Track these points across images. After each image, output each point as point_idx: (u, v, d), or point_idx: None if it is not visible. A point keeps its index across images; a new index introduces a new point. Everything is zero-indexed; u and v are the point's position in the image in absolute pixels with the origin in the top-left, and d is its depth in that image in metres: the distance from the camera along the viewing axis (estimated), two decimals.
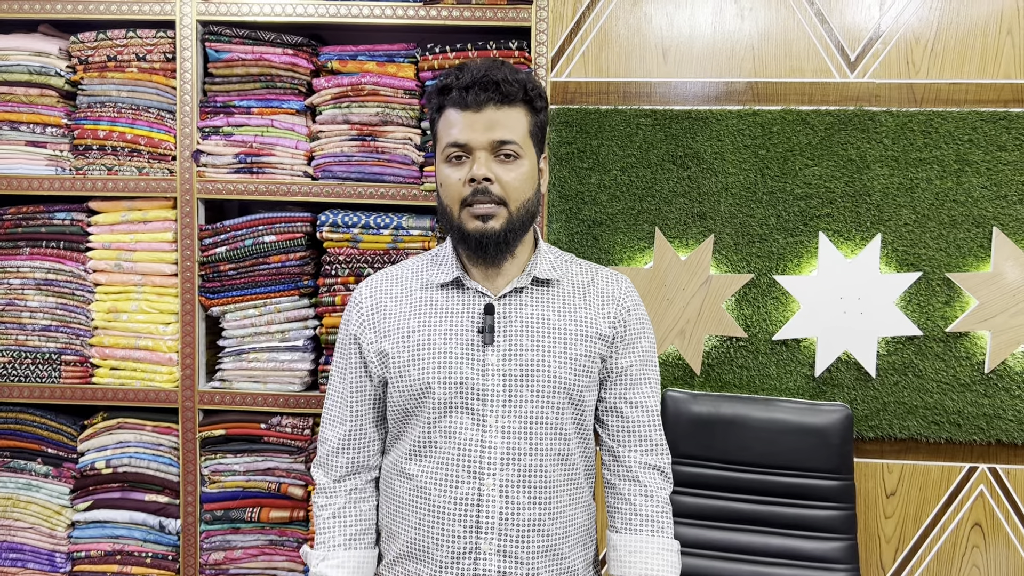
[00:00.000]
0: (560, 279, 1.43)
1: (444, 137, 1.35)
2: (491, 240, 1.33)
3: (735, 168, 2.09)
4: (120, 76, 2.18)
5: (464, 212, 1.34)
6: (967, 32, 2.05)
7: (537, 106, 1.37)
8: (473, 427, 1.34)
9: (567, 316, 1.39)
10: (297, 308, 2.19)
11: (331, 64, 2.16)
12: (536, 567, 1.35)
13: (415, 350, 1.37)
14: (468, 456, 1.33)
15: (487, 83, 1.31)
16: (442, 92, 1.36)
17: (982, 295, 2.05)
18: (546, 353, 1.36)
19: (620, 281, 1.48)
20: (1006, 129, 2.03)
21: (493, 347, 1.35)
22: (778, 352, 2.10)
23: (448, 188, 1.35)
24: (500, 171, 1.32)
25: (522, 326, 1.37)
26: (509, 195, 1.33)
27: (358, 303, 1.45)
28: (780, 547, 2.01)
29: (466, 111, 1.32)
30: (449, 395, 1.34)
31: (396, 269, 1.48)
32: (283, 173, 2.17)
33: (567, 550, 1.39)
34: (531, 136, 1.37)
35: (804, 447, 2.01)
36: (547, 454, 1.36)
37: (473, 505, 1.33)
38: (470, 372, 1.34)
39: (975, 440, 2.08)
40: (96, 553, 2.24)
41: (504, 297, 1.39)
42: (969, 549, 2.12)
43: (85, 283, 2.23)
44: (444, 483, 1.34)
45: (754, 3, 2.09)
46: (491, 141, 1.32)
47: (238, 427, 2.21)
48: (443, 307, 1.39)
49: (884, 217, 2.07)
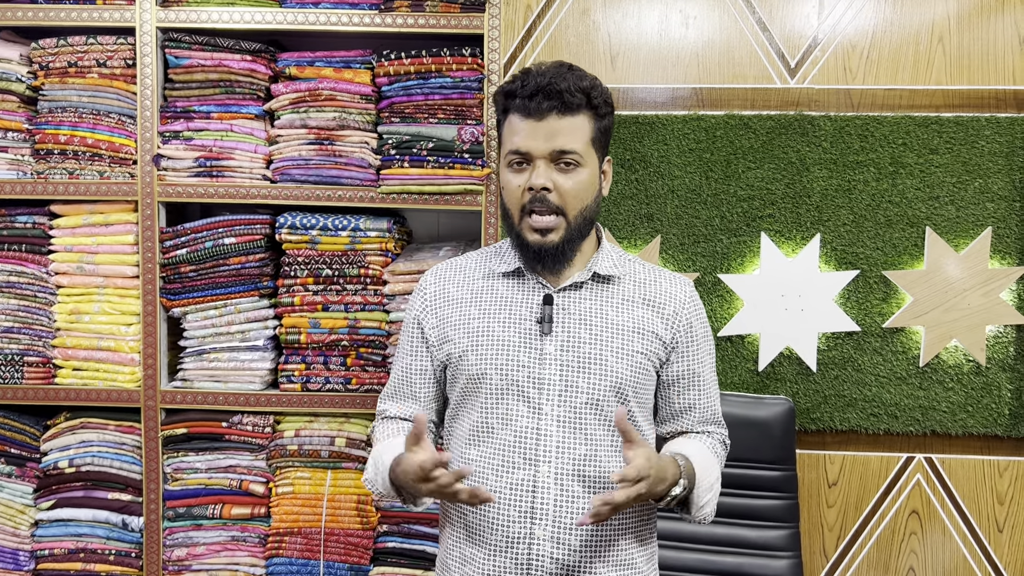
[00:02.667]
0: (622, 276, 1.45)
1: (507, 143, 1.38)
2: (549, 253, 1.37)
3: (681, 171, 2.16)
4: (81, 82, 2.21)
5: (524, 221, 1.37)
6: (901, 40, 2.14)
7: (601, 112, 1.39)
8: (529, 414, 1.36)
9: (625, 313, 1.41)
10: (257, 308, 2.24)
11: (289, 70, 2.21)
12: (589, 556, 1.36)
13: (475, 336, 1.41)
14: (524, 443, 1.36)
15: (551, 92, 1.32)
16: (507, 96, 1.38)
17: (916, 292, 2.14)
18: (603, 347, 1.38)
19: (684, 285, 1.48)
20: (938, 133, 2.12)
21: (551, 337, 1.38)
22: (723, 348, 2.18)
23: (509, 193, 1.39)
24: (560, 179, 1.35)
25: (580, 319, 1.39)
26: (567, 203, 1.35)
27: (422, 289, 1.50)
28: (725, 535, 2.09)
29: (528, 119, 1.34)
30: (505, 382, 1.37)
31: (461, 259, 1.52)
32: (242, 176, 2.22)
33: (624, 543, 1.40)
34: (593, 143, 1.38)
35: (748, 439, 2.09)
36: (600, 445, 1.37)
37: (528, 491, 1.35)
38: (527, 360, 1.37)
39: (911, 431, 2.17)
40: (60, 551, 2.27)
41: (564, 290, 1.41)
42: (907, 536, 2.21)
43: (47, 285, 2.26)
44: (500, 468, 1.36)
45: (698, 12, 2.16)
46: (552, 150, 1.34)
47: (200, 426, 2.25)
48: (503, 296, 1.43)
49: (823, 217, 2.15)
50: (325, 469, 2.23)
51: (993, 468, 2.18)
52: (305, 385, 2.23)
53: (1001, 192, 2.12)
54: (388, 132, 2.20)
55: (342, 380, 2.22)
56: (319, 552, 2.22)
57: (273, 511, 2.24)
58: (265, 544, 2.25)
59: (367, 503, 2.21)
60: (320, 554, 2.22)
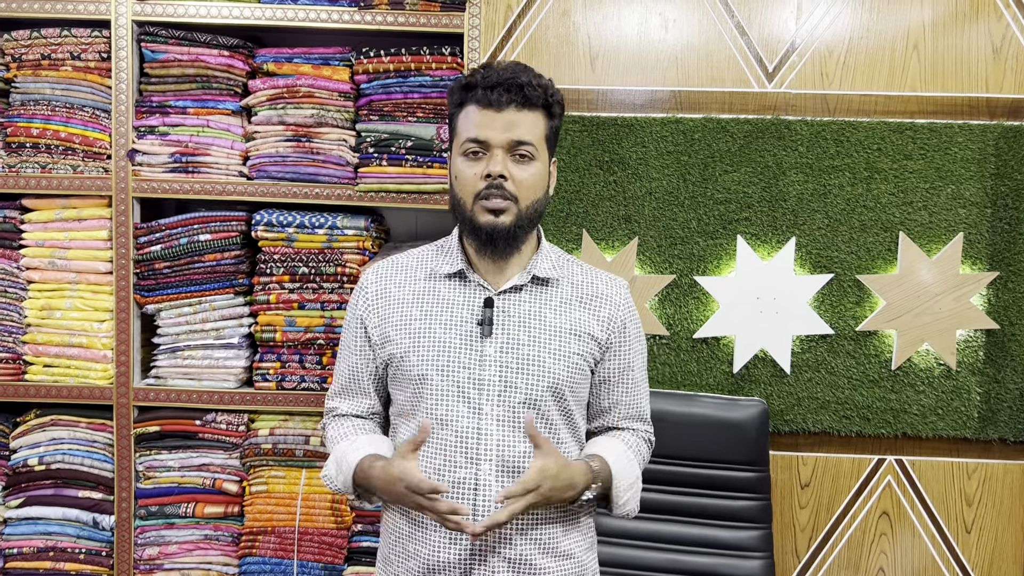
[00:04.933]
0: (560, 279, 1.48)
1: (463, 132, 1.40)
2: (501, 234, 1.39)
3: (659, 173, 2.17)
4: (54, 74, 2.18)
5: (477, 206, 1.39)
6: (877, 47, 2.16)
7: (554, 112, 1.43)
8: (469, 415, 1.39)
9: (563, 315, 1.45)
10: (232, 306, 2.22)
11: (267, 66, 2.19)
12: (528, 548, 1.40)
13: (416, 338, 1.43)
14: (465, 443, 1.39)
15: (511, 85, 1.37)
16: (466, 89, 1.41)
17: (889, 296, 2.16)
18: (541, 348, 1.42)
19: (619, 286, 1.52)
20: (912, 139, 2.14)
21: (491, 339, 1.41)
22: (699, 350, 2.20)
23: (463, 182, 1.40)
24: (515, 170, 1.38)
25: (520, 321, 1.43)
26: (521, 193, 1.39)
27: (364, 287, 1.51)
28: (699, 536, 2.10)
29: (487, 109, 1.37)
30: (447, 383, 1.40)
31: (403, 257, 1.54)
32: (219, 173, 2.20)
33: (561, 535, 1.44)
34: (546, 140, 1.43)
35: (722, 440, 2.10)
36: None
37: (471, 489, 1.38)
38: (468, 361, 1.40)
39: (883, 433, 2.20)
40: (29, 550, 2.24)
41: (504, 293, 1.44)
42: (877, 537, 2.24)
43: (18, 280, 2.23)
44: (443, 467, 1.39)
45: (678, 15, 2.17)
46: (509, 140, 1.38)
47: (173, 424, 2.23)
48: (445, 298, 1.45)
49: (799, 221, 2.17)
50: (300, 468, 2.22)
51: (962, 470, 2.21)
52: (280, 383, 2.21)
53: (973, 198, 2.15)
54: (367, 130, 2.19)
55: (318, 379, 2.21)
56: (293, 551, 2.21)
57: (247, 510, 2.22)
58: (238, 543, 2.24)
59: (342, 502, 2.20)
60: (294, 553, 2.21)
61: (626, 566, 2.09)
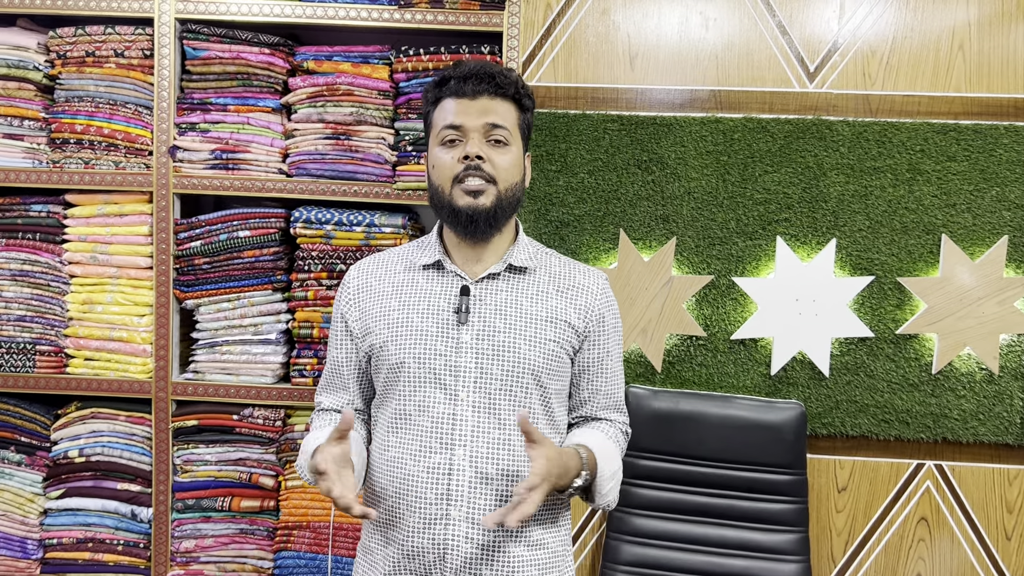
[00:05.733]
0: (536, 268, 1.51)
1: (440, 122, 1.44)
2: (481, 215, 1.41)
3: (697, 173, 2.16)
4: (98, 71, 2.21)
5: (456, 189, 1.41)
6: (921, 47, 2.13)
7: (525, 104, 1.48)
8: (446, 401, 1.42)
9: (539, 303, 1.47)
10: (270, 302, 2.23)
11: (307, 64, 2.20)
12: (503, 537, 1.42)
13: (394, 327, 1.46)
14: (440, 428, 1.41)
15: (483, 75, 1.42)
16: (439, 84, 1.45)
17: (931, 299, 2.13)
18: (517, 336, 1.44)
19: (597, 277, 1.55)
20: (956, 140, 2.11)
21: (467, 327, 1.43)
22: (736, 351, 2.18)
23: (441, 168, 1.43)
24: (491, 153, 1.42)
25: (496, 309, 1.45)
26: (499, 175, 1.42)
27: (346, 284, 1.55)
28: (735, 539, 2.09)
29: (462, 99, 1.42)
30: (423, 370, 1.43)
31: (385, 253, 1.58)
32: (258, 170, 2.22)
33: (535, 524, 1.46)
34: (519, 129, 1.47)
35: (759, 443, 2.09)
36: (514, 430, 1.43)
37: (445, 474, 1.40)
38: (444, 349, 1.43)
39: (922, 438, 2.17)
40: (68, 540, 2.28)
41: (480, 281, 1.47)
42: (916, 542, 2.21)
43: (60, 274, 2.26)
44: (419, 453, 1.42)
45: (719, 14, 2.16)
46: (484, 124, 1.41)
47: (210, 418, 2.25)
48: (423, 288, 1.48)
49: (839, 223, 2.15)
50: None
51: (1003, 477, 2.18)
52: (316, 379, 2.22)
53: (1018, 201, 2.11)
54: (405, 128, 2.19)
55: None
56: (327, 546, 2.22)
57: (282, 505, 2.24)
58: (273, 537, 2.26)
59: None
60: (328, 548, 2.22)
61: (662, 567, 2.08)
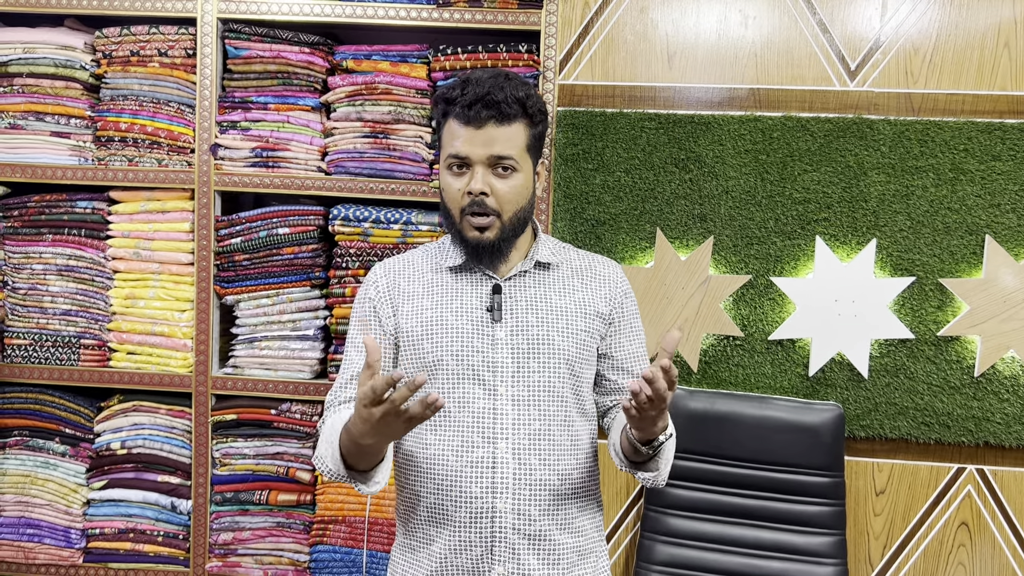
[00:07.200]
0: (559, 263, 1.54)
1: (447, 147, 1.45)
2: (486, 249, 1.45)
3: (736, 172, 2.15)
4: (142, 71, 2.25)
5: (464, 221, 1.44)
6: (965, 44, 2.10)
7: (536, 120, 1.46)
8: (485, 396, 1.44)
9: (567, 296, 1.51)
10: (308, 299, 2.26)
11: (346, 63, 2.22)
12: (547, 524, 1.45)
13: (428, 326, 1.47)
14: (481, 423, 1.44)
15: (489, 102, 1.40)
16: (447, 102, 1.45)
17: (973, 301, 2.10)
18: (550, 328, 1.47)
19: (614, 266, 1.60)
20: (1001, 140, 2.08)
21: (501, 324, 1.46)
22: (773, 352, 2.17)
23: (449, 195, 1.46)
24: (496, 183, 1.43)
25: (527, 304, 1.48)
26: (503, 206, 1.44)
27: (374, 282, 1.54)
28: (771, 540, 2.08)
29: (468, 126, 1.41)
30: (461, 367, 1.45)
31: (407, 254, 1.59)
32: (297, 168, 2.25)
33: (576, 511, 1.49)
34: (528, 149, 1.46)
35: (797, 444, 2.07)
36: (553, 420, 1.46)
37: (488, 467, 1.42)
38: (480, 346, 1.45)
39: (963, 441, 2.14)
40: (110, 530, 2.32)
41: (509, 279, 1.49)
42: (956, 548, 2.18)
43: (104, 270, 2.31)
44: (460, 449, 1.44)
45: (758, 12, 2.14)
46: (489, 156, 1.42)
47: (249, 412, 2.28)
48: (453, 287, 1.50)
49: (880, 223, 2.12)
50: None
51: None
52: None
53: None
54: None
55: None
56: (363, 541, 2.24)
57: (319, 499, 2.26)
58: (310, 531, 2.28)
59: None
60: (364, 543, 2.24)
61: (696, 568, 2.07)
